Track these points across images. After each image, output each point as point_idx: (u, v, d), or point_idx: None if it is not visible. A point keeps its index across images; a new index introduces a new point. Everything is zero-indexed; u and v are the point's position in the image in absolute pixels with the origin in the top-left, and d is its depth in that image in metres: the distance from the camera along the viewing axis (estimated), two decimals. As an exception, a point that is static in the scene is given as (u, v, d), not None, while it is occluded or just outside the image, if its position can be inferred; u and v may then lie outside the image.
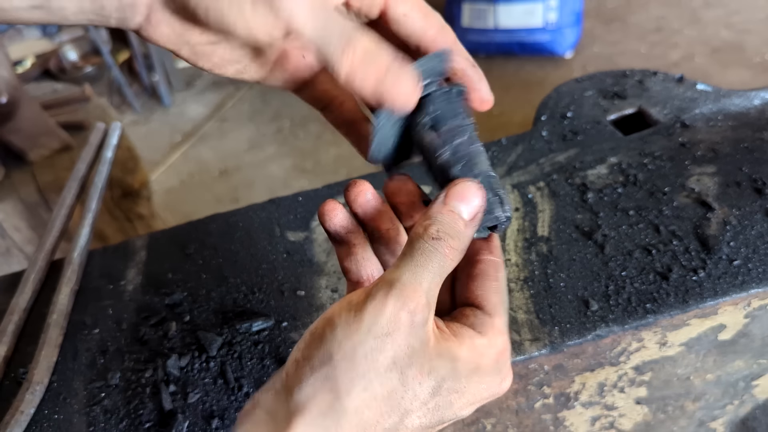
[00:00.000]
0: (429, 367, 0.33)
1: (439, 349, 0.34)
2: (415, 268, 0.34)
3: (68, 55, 2.98)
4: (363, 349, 0.33)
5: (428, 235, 0.35)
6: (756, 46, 2.61)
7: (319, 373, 0.33)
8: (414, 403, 0.33)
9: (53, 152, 1.22)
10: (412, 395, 0.33)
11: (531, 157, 0.73)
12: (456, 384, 0.34)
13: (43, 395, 0.53)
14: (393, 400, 0.33)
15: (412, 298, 0.33)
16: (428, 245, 0.34)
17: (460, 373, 0.34)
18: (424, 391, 0.33)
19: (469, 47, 2.21)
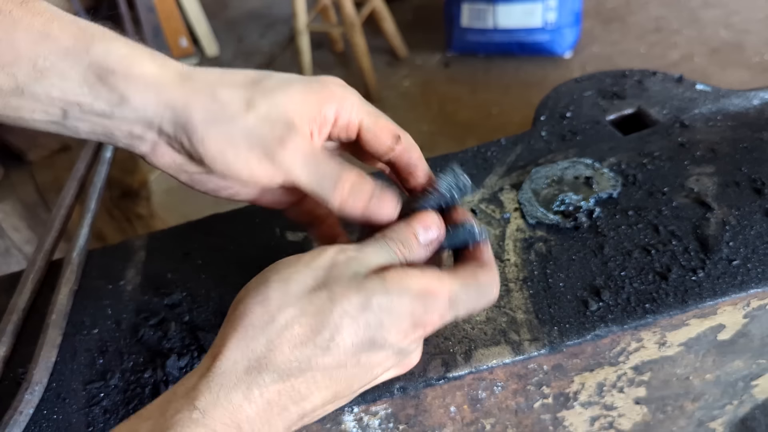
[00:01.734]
0: (358, 286, 0.37)
1: (371, 275, 0.38)
2: (363, 246, 0.41)
3: (67, 54, 2.97)
4: (297, 276, 0.38)
5: (383, 235, 0.42)
6: (755, 46, 2.61)
7: (255, 292, 0.38)
8: (344, 319, 0.36)
9: (52, 152, 1.22)
10: (341, 310, 0.36)
11: (530, 157, 0.73)
12: (385, 299, 0.37)
13: (42, 395, 0.53)
14: (322, 315, 0.36)
15: (351, 250, 0.39)
16: (382, 241, 0.41)
17: (390, 289, 0.37)
18: (353, 305, 0.36)
19: (469, 47, 2.23)
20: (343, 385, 0.37)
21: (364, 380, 0.38)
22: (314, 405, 0.36)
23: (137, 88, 0.39)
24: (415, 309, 0.38)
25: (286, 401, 0.35)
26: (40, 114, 0.39)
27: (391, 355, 0.38)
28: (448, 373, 0.50)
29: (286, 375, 0.35)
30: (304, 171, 0.41)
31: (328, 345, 0.35)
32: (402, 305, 0.37)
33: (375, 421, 0.51)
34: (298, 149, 0.41)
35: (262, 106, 0.41)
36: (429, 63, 2.98)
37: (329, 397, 0.37)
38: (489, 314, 0.54)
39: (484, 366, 0.50)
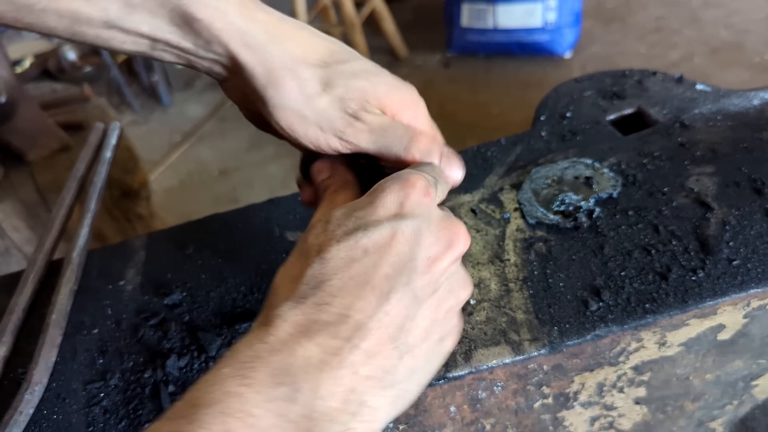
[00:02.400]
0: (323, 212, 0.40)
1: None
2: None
3: (67, 55, 2.98)
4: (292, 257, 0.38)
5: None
6: (755, 46, 2.61)
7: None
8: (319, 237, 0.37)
9: (52, 152, 1.22)
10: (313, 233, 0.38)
11: (530, 157, 0.73)
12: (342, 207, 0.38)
13: (42, 395, 0.53)
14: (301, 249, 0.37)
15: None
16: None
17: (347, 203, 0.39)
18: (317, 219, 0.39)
19: (469, 47, 2.23)
20: (375, 277, 0.33)
21: (392, 261, 0.34)
22: (358, 308, 0.33)
23: (221, 40, 0.40)
24: (386, 184, 0.38)
25: (314, 316, 0.32)
26: (130, 45, 0.41)
27: (397, 227, 0.35)
28: (448, 373, 0.50)
29: (300, 298, 0.33)
30: (372, 142, 0.43)
31: (319, 257, 0.34)
32: (363, 197, 0.38)
33: (375, 421, 0.51)
34: (367, 124, 0.42)
35: (338, 87, 0.42)
36: (429, 63, 2.98)
37: (370, 294, 0.33)
38: (489, 314, 0.54)
39: (484, 366, 0.50)
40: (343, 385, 0.31)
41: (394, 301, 0.33)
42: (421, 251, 0.35)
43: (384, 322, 0.33)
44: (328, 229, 0.36)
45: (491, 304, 0.55)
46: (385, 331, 0.33)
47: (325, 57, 0.43)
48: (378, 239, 0.34)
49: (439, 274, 0.36)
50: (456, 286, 0.38)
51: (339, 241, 0.35)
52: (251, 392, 0.29)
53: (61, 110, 1.37)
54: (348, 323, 0.32)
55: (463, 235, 0.37)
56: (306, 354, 0.31)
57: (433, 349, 0.36)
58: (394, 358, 0.33)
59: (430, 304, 0.35)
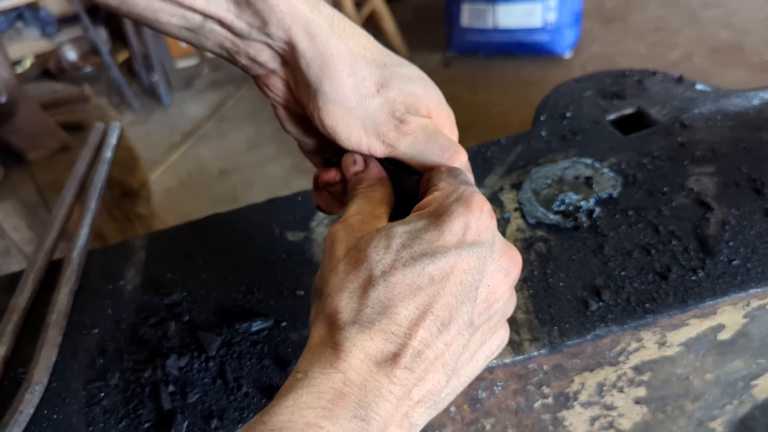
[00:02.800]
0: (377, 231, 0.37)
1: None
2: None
3: (67, 55, 2.98)
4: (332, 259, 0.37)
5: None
6: (755, 46, 2.61)
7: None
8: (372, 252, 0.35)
9: (52, 152, 1.22)
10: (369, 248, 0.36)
11: (530, 157, 0.73)
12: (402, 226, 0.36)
13: (43, 395, 0.53)
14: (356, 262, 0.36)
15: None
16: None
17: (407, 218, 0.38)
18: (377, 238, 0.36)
19: (469, 47, 2.23)
20: (437, 306, 0.34)
21: (456, 292, 0.34)
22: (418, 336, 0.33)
23: (283, 23, 0.39)
24: (451, 206, 0.36)
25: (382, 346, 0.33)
26: (178, 19, 0.40)
27: (461, 255, 0.35)
28: (448, 373, 0.50)
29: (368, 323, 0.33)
30: (413, 147, 0.42)
31: (384, 279, 0.34)
32: (427, 217, 0.36)
33: (375, 421, 0.51)
34: (413, 128, 0.42)
35: (393, 89, 0.42)
36: (429, 63, 2.98)
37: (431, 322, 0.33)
38: (489, 314, 0.54)
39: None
40: (401, 411, 0.33)
41: (453, 331, 0.34)
42: (483, 279, 0.35)
43: (440, 351, 0.33)
44: (392, 248, 0.35)
45: (491, 304, 0.55)
46: (441, 359, 0.34)
47: (383, 58, 0.43)
48: (444, 267, 0.34)
49: (495, 301, 0.36)
50: (508, 310, 0.38)
51: (405, 265, 0.34)
52: (330, 425, 0.30)
53: (61, 110, 1.37)
54: (409, 353, 0.33)
55: (520, 261, 0.38)
56: (376, 386, 0.32)
57: (478, 365, 0.38)
58: (443, 381, 0.34)
59: (483, 330, 0.36)
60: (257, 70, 0.43)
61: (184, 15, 0.40)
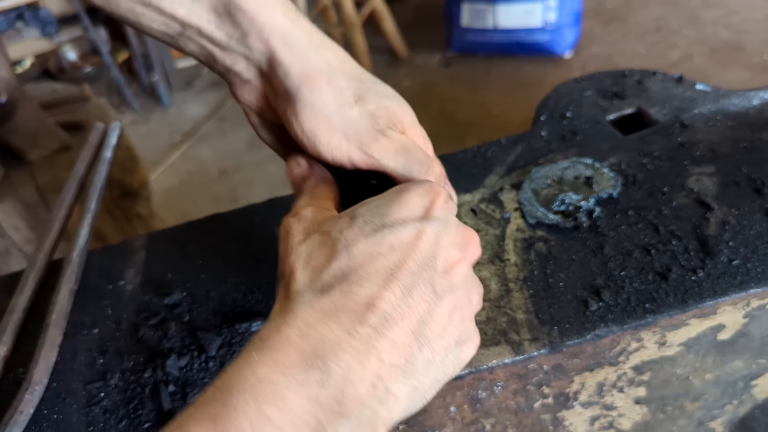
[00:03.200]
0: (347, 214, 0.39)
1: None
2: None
3: (67, 55, 2.98)
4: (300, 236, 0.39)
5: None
6: (755, 46, 2.61)
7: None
8: (344, 232, 0.37)
9: (52, 152, 1.22)
10: (345, 234, 0.37)
11: (530, 157, 0.73)
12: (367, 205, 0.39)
13: (42, 395, 0.53)
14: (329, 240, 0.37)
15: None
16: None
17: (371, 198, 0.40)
18: (344, 220, 0.38)
19: (469, 47, 2.23)
20: (400, 271, 0.35)
21: (417, 258, 0.36)
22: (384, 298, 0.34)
23: (262, 34, 0.41)
24: (412, 187, 0.39)
25: (341, 303, 0.33)
26: (159, 25, 0.41)
27: (422, 227, 0.36)
28: (448, 373, 0.50)
29: (327, 287, 0.34)
30: (394, 161, 0.44)
31: (347, 250, 0.35)
32: (388, 196, 0.39)
33: (375, 421, 0.51)
34: (392, 141, 0.44)
35: (371, 103, 0.43)
36: (429, 63, 2.98)
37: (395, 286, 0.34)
38: (489, 314, 0.54)
39: (484, 366, 0.50)
40: (371, 371, 0.32)
41: (416, 295, 0.35)
42: (441, 251, 0.37)
43: (407, 314, 0.34)
44: (355, 225, 0.37)
45: (491, 304, 0.55)
46: (408, 321, 0.34)
47: (359, 74, 0.44)
48: (404, 237, 0.36)
49: (455, 275, 0.37)
50: (471, 291, 0.39)
51: (367, 236, 0.36)
52: (283, 377, 0.30)
53: (61, 110, 1.37)
54: (374, 312, 0.33)
55: (477, 242, 0.39)
56: (335, 339, 0.32)
57: (451, 348, 0.37)
58: (415, 348, 0.34)
59: (447, 302, 0.37)
60: (232, 78, 0.44)
61: (164, 22, 0.41)
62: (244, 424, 0.28)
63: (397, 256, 0.35)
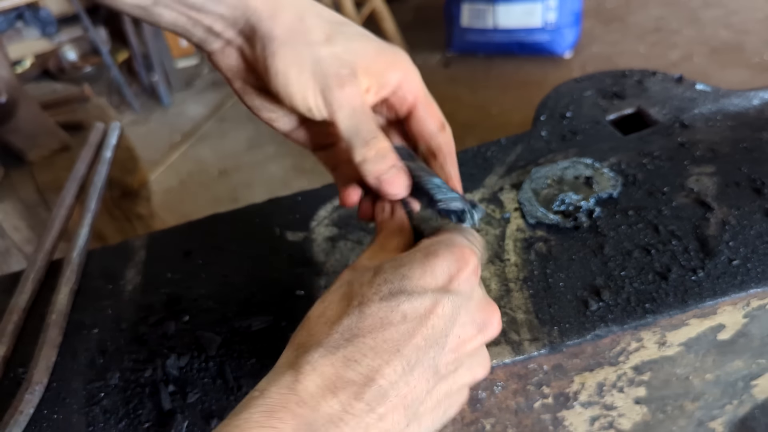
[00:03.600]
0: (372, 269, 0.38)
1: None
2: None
3: (67, 55, 2.98)
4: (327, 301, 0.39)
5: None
6: (755, 46, 2.61)
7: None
8: (363, 288, 0.37)
9: (52, 152, 1.22)
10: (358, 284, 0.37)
11: (530, 157, 0.73)
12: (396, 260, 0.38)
13: (43, 395, 0.53)
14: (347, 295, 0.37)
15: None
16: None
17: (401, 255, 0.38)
18: (367, 276, 0.37)
19: (469, 47, 2.23)
20: (406, 346, 0.34)
21: (426, 335, 0.35)
22: (384, 374, 0.34)
23: None
24: (440, 251, 0.37)
25: (342, 372, 0.34)
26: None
27: (440, 301, 0.35)
28: (448, 373, 0.50)
29: (333, 348, 0.34)
30: (347, 117, 0.42)
31: (359, 309, 0.35)
32: (415, 255, 0.37)
33: (375, 421, 0.51)
34: (351, 95, 0.42)
35: (339, 45, 0.42)
36: (429, 63, 2.98)
37: (398, 362, 0.34)
38: (489, 314, 0.54)
39: (484, 366, 0.50)
40: None
41: (418, 374, 0.34)
42: (454, 329, 0.36)
43: (403, 392, 0.34)
44: (375, 282, 0.36)
45: (491, 304, 0.55)
46: (402, 400, 0.34)
47: (329, 16, 0.44)
48: (418, 308, 0.35)
49: (464, 354, 0.36)
50: (476, 366, 0.38)
51: (382, 299, 0.35)
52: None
53: (61, 110, 1.36)
54: (371, 387, 0.33)
55: (498, 322, 0.38)
56: (329, 411, 0.32)
57: (438, 417, 0.37)
58: (402, 424, 0.34)
59: (447, 382, 0.36)
60: (212, 43, 0.44)
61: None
62: None
63: (407, 328, 0.34)
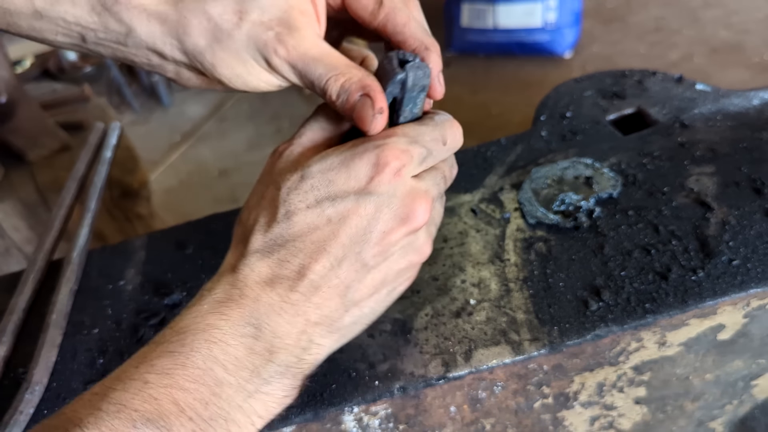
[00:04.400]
0: (294, 165, 0.41)
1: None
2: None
3: (67, 55, 2.97)
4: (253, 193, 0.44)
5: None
6: (755, 46, 2.61)
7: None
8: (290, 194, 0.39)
9: (52, 152, 1.22)
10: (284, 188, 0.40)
11: (530, 157, 0.73)
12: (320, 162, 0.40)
13: (42, 395, 0.53)
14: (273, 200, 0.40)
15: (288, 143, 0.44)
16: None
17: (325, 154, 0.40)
18: (292, 179, 0.40)
19: (469, 47, 2.23)
20: (332, 244, 0.38)
21: (349, 234, 0.39)
22: (314, 270, 0.38)
23: (141, 18, 0.40)
24: (364, 153, 0.39)
25: (277, 271, 0.39)
26: (62, 37, 0.41)
27: (360, 202, 0.38)
28: (448, 373, 0.50)
29: (267, 253, 0.39)
30: (296, 76, 0.42)
31: (287, 217, 0.39)
32: (341, 155, 0.39)
33: (375, 421, 0.51)
34: (293, 48, 0.40)
35: (253, 13, 0.40)
36: (429, 63, 2.97)
37: (325, 259, 0.38)
38: (489, 314, 0.54)
39: (484, 366, 0.50)
40: (297, 328, 0.38)
41: (345, 267, 0.39)
42: (377, 225, 0.39)
43: (334, 284, 0.39)
44: (302, 189, 0.39)
45: (491, 304, 0.55)
46: (334, 290, 0.39)
47: None
48: (342, 211, 0.38)
49: (390, 245, 0.40)
50: (410, 253, 0.42)
51: (308, 207, 0.39)
52: (227, 326, 0.37)
53: (61, 110, 1.36)
54: (304, 281, 0.38)
55: (422, 212, 0.40)
56: (269, 301, 0.38)
57: (381, 300, 0.42)
58: (341, 310, 0.40)
59: (380, 269, 0.40)
60: (165, 72, 0.43)
61: (65, 33, 0.41)
62: (198, 360, 0.35)
63: (332, 230, 0.38)
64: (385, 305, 0.43)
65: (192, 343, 0.36)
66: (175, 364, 0.35)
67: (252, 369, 0.37)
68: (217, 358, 0.36)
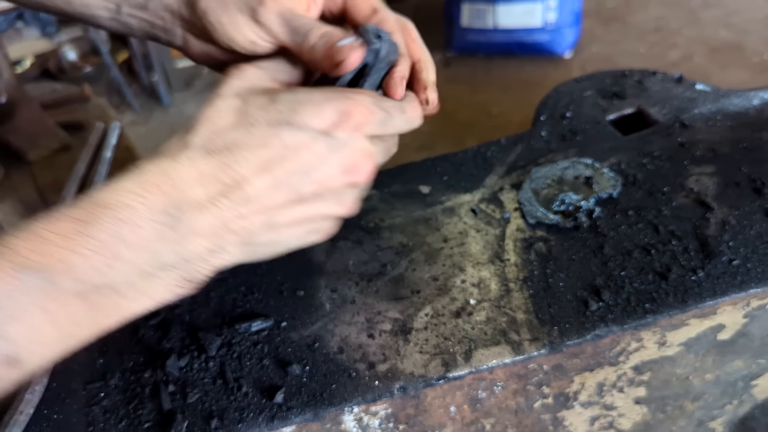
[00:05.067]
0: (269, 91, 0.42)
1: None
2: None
3: (67, 55, 2.98)
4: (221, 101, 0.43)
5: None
6: (755, 46, 2.61)
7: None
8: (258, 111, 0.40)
9: (52, 152, 1.22)
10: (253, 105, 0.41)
11: (530, 157, 0.73)
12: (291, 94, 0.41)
13: (42, 395, 0.53)
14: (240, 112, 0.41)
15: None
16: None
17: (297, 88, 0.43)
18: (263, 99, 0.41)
19: (469, 47, 2.23)
20: (278, 167, 0.39)
21: (297, 164, 0.40)
22: (253, 184, 0.39)
23: None
24: (334, 99, 0.40)
25: (216, 172, 0.38)
26: (103, 10, 0.46)
27: (317, 140, 0.40)
28: (448, 373, 0.50)
29: (213, 152, 0.39)
30: (281, 25, 0.44)
31: (247, 127, 0.39)
32: (312, 94, 0.41)
33: (375, 421, 0.51)
34: (275, 4, 0.44)
35: None
36: (429, 63, 2.97)
37: (267, 178, 0.39)
38: (489, 314, 0.54)
39: (484, 366, 0.50)
40: (213, 230, 0.39)
41: (282, 192, 0.40)
42: (323, 167, 0.40)
43: (264, 202, 0.40)
44: (268, 109, 0.40)
45: (491, 304, 0.55)
46: (263, 208, 0.40)
47: None
48: (297, 141, 0.39)
49: (327, 188, 0.41)
50: (338, 203, 0.43)
51: (269, 124, 0.39)
52: (144, 209, 0.36)
53: (62, 110, 1.36)
54: (239, 191, 0.39)
55: (365, 170, 0.42)
56: (196, 198, 0.38)
57: (298, 235, 0.43)
58: (260, 228, 0.41)
59: (309, 205, 0.42)
60: (175, 40, 0.48)
61: (104, 5, 0.46)
62: (102, 234, 0.35)
63: (282, 153, 0.39)
64: (298, 243, 0.44)
65: (102, 218, 0.36)
66: (77, 232, 0.35)
67: (155, 253, 0.37)
68: (124, 237, 0.36)
